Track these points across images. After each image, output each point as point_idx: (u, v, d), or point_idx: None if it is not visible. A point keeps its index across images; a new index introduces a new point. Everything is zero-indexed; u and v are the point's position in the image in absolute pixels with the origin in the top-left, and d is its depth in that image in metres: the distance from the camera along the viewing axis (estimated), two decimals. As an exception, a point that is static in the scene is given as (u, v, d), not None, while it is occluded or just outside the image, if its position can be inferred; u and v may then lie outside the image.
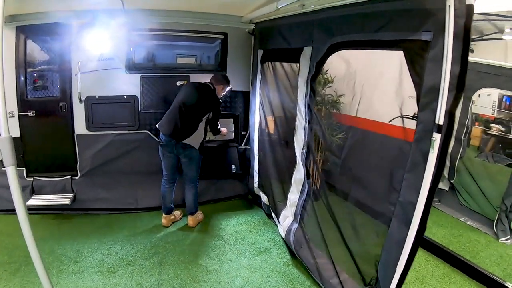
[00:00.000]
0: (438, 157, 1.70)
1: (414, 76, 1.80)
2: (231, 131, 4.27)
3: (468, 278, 2.93)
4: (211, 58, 4.18)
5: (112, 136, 3.73)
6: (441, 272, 3.00)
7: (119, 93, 3.68)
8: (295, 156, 3.14)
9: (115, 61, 3.55)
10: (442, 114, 1.65)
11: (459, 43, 1.56)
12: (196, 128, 3.35)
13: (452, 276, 2.95)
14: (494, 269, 3.08)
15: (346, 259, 2.66)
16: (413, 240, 1.88)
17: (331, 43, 2.45)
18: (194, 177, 3.54)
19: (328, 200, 2.81)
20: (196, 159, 3.46)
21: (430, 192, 1.76)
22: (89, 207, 3.72)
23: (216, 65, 4.04)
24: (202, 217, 3.78)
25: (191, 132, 3.32)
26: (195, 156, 3.43)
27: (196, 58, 4.35)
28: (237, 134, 4.35)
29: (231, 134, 4.30)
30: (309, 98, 2.78)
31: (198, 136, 3.39)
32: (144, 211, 3.86)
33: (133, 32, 3.56)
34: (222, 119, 3.99)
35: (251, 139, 4.16)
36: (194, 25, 3.75)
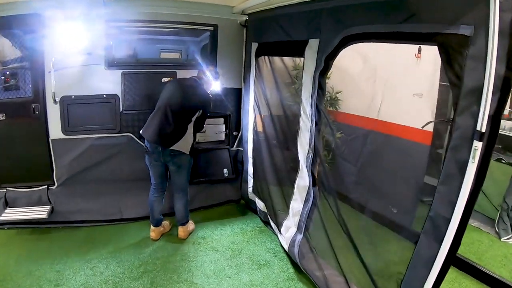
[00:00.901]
0: (478, 168, 1.55)
1: (451, 74, 1.63)
2: (220, 132, 4.04)
3: (478, 282, 2.88)
4: (198, 53, 3.90)
5: (92, 140, 3.43)
6: (450, 277, 2.93)
7: (98, 92, 3.37)
8: (297, 160, 2.97)
9: (93, 56, 3.23)
10: (484, 120, 1.49)
11: (504, 40, 1.41)
12: (185, 130, 3.09)
13: (461, 280, 2.90)
14: (501, 270, 3.06)
15: (358, 274, 2.53)
16: (445, 258, 1.74)
17: (345, 35, 2.25)
18: (184, 185, 3.31)
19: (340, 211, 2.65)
20: (186, 166, 3.22)
21: (467, 207, 1.62)
22: (68, 219, 3.42)
23: (206, 60, 3.76)
24: (193, 228, 3.55)
25: (179, 136, 3.06)
26: (185, 162, 3.19)
27: (181, 53, 4.10)
28: (228, 135, 4.12)
29: (222, 135, 4.07)
30: (317, 97, 2.58)
31: (187, 140, 3.13)
32: (130, 222, 3.60)
33: (113, 23, 3.25)
34: (211, 118, 3.82)
35: (244, 140, 3.95)
36: (181, 16, 3.48)
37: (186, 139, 3.11)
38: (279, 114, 3.46)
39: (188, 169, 3.27)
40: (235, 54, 3.86)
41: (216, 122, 4.04)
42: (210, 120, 3.87)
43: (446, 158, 1.70)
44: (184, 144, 3.10)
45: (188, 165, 3.24)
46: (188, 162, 3.22)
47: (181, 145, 3.07)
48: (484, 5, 1.43)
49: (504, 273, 3.00)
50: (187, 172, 3.26)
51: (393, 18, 1.90)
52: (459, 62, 1.57)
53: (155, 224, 3.34)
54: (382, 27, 1.98)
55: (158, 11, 3.34)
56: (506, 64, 1.43)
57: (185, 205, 3.37)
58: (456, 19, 1.56)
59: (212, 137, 4.06)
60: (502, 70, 1.43)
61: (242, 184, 4.17)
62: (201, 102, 3.15)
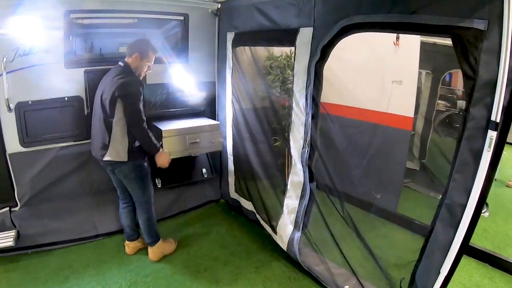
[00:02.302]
0: (492, 156, 1.75)
1: (466, 67, 1.79)
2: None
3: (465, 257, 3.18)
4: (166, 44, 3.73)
5: (55, 151, 3.20)
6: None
7: (59, 95, 3.12)
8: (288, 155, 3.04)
9: (50, 54, 2.97)
10: (499, 111, 1.69)
11: (517, 36, 1.59)
12: (109, 132, 2.74)
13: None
14: (484, 243, 3.48)
15: (365, 265, 2.74)
16: (461, 243, 1.94)
17: (345, 24, 2.30)
18: (141, 198, 3.01)
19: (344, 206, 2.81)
20: (132, 176, 2.88)
21: (483, 193, 1.82)
22: (38, 243, 3.18)
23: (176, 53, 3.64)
24: (171, 248, 3.28)
25: (107, 142, 2.75)
26: (128, 172, 2.86)
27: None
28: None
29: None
30: (313, 89, 2.63)
31: (118, 144, 2.75)
32: (107, 237, 3.45)
33: (74, 15, 3.01)
34: (179, 119, 3.70)
35: (222, 137, 3.93)
36: (149, 5, 3.33)
37: (116, 143, 2.75)
38: (266, 106, 3.51)
39: (138, 179, 2.92)
40: (208, 46, 3.80)
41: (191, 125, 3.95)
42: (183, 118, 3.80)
43: (461, 147, 1.88)
44: (116, 150, 2.76)
45: (135, 175, 2.88)
46: (133, 171, 2.86)
47: (112, 152, 2.76)
48: (498, 1, 1.60)
49: (487, 245, 3.42)
50: (137, 183, 2.93)
51: (402, 8, 1.99)
52: (474, 55, 1.73)
53: (127, 238, 3.23)
54: (390, 16, 2.06)
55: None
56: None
57: (147, 222, 3.08)
58: (470, 13, 1.71)
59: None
60: (515, 65, 1.62)
61: (222, 183, 4.18)
62: (117, 89, 2.65)
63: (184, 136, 3.35)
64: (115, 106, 2.67)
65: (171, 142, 3.27)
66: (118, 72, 2.72)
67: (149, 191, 3.04)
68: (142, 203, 3.02)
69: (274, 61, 4.08)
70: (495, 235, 3.70)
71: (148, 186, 3.01)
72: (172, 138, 3.28)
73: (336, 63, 2.83)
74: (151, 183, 3.07)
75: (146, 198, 3.01)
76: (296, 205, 3.02)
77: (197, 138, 3.43)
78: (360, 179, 3.83)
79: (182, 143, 3.35)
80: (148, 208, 3.05)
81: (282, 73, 4.02)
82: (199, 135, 3.45)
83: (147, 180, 2.99)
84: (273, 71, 4.01)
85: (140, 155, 2.87)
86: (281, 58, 4.07)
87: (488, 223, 3.91)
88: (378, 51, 3.60)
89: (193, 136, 3.40)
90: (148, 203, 3.05)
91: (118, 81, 2.65)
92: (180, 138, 3.34)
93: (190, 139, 3.38)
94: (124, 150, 2.76)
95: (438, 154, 4.70)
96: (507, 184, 5.20)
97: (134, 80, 2.75)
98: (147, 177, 2.99)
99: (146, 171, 2.96)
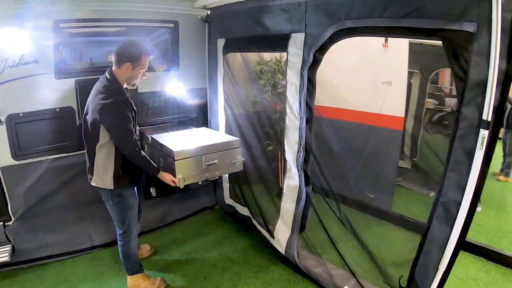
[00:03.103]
0: (485, 154, 1.83)
1: (457, 68, 1.86)
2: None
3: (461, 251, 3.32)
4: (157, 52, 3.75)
5: (48, 163, 3.19)
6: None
7: (50, 106, 3.12)
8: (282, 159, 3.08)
9: (41, 65, 2.97)
10: (490, 110, 1.77)
11: (506, 37, 1.67)
12: (92, 157, 2.53)
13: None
14: (478, 237, 3.60)
15: (364, 265, 2.81)
16: (457, 239, 2.01)
17: (337, 29, 2.37)
18: (119, 228, 2.74)
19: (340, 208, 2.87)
20: (111, 204, 2.63)
21: (477, 190, 1.89)
22: (34, 257, 3.15)
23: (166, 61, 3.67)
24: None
25: (92, 165, 2.55)
26: (106, 198, 2.62)
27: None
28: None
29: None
30: (307, 93, 2.70)
31: (101, 170, 2.52)
32: (103, 248, 3.44)
33: (63, 24, 3.01)
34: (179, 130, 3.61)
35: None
36: (138, 13, 3.36)
37: (99, 169, 2.52)
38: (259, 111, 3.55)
39: (116, 208, 2.63)
40: (198, 52, 3.83)
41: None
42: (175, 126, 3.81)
43: (454, 147, 1.96)
44: (99, 176, 2.54)
45: (113, 203, 2.60)
46: (111, 198, 2.58)
47: (96, 179, 2.55)
48: (486, 4, 1.68)
49: (482, 239, 3.54)
50: (115, 211, 2.66)
51: (393, 12, 2.06)
52: (464, 57, 1.81)
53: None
54: (382, 21, 2.13)
55: (113, 7, 3.19)
56: (506, 60, 1.69)
57: (122, 254, 2.80)
58: (460, 16, 1.79)
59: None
60: (504, 65, 1.70)
61: (216, 189, 4.20)
62: (99, 113, 2.34)
63: (200, 158, 2.88)
64: (98, 131, 2.42)
65: (185, 165, 2.80)
66: (101, 89, 2.40)
67: (129, 223, 2.70)
68: (120, 233, 2.74)
69: (265, 65, 4.13)
70: (489, 229, 3.84)
71: (128, 218, 2.69)
72: (186, 161, 2.81)
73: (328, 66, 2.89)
74: (134, 216, 2.76)
75: (123, 230, 2.71)
76: (293, 209, 3.06)
77: (215, 159, 2.95)
78: (355, 181, 3.91)
79: (198, 166, 2.89)
80: (126, 240, 2.74)
81: (273, 77, 4.07)
82: (217, 155, 2.99)
83: (128, 213, 2.68)
84: (264, 75, 4.06)
85: (128, 183, 2.61)
86: (271, 62, 4.12)
87: (481, 217, 4.04)
88: (368, 53, 3.69)
89: (211, 157, 2.93)
90: (126, 236, 2.73)
91: (99, 102, 2.34)
92: (196, 160, 2.86)
93: (207, 160, 2.91)
94: (108, 176, 2.52)
95: (428, 152, 4.82)
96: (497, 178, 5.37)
97: (117, 102, 2.38)
98: (129, 209, 2.67)
99: (127, 202, 2.64)
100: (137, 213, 2.81)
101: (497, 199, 4.71)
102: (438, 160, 4.50)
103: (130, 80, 2.53)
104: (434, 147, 4.79)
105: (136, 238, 2.83)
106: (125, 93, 2.51)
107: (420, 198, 4.41)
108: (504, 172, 5.46)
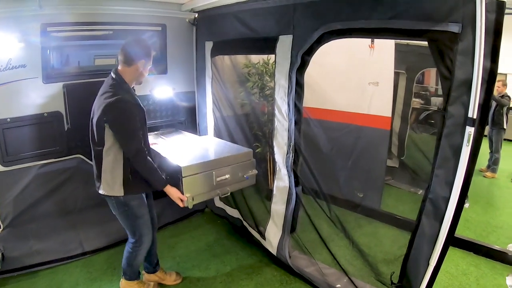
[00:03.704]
0: (472, 150, 1.88)
1: (442, 68, 1.92)
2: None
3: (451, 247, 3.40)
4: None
5: (36, 169, 3.15)
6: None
7: (38, 111, 3.09)
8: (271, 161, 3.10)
9: (28, 69, 2.94)
10: (475, 108, 1.82)
11: (489, 38, 1.73)
12: (99, 162, 2.39)
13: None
14: (467, 233, 3.70)
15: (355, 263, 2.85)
16: (447, 234, 2.06)
17: (325, 31, 2.40)
18: (131, 237, 2.62)
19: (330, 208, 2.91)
20: (118, 213, 2.51)
21: (464, 186, 1.94)
22: (25, 264, 3.09)
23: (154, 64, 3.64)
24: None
25: (99, 172, 2.41)
26: (112, 208, 2.51)
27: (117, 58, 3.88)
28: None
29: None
30: (295, 95, 2.72)
31: (109, 176, 2.37)
32: (94, 254, 3.39)
33: (51, 28, 2.99)
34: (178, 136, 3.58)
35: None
36: (126, 16, 3.35)
37: (107, 175, 2.37)
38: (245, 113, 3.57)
39: (125, 217, 2.51)
40: (186, 55, 3.84)
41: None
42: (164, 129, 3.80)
43: (441, 144, 2.01)
44: (107, 183, 2.39)
45: (119, 212, 2.48)
46: (117, 208, 2.46)
47: (104, 186, 2.40)
48: (471, 6, 1.73)
49: (470, 235, 3.63)
50: (124, 221, 2.54)
51: (380, 13, 2.10)
52: (450, 57, 1.87)
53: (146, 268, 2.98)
54: (369, 22, 2.17)
55: (102, 11, 3.18)
56: (491, 59, 1.75)
57: (127, 259, 2.68)
58: (445, 17, 1.84)
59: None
60: (488, 64, 1.76)
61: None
62: (103, 112, 2.24)
63: (210, 173, 2.66)
64: (103, 132, 2.28)
65: (194, 182, 2.57)
66: (107, 89, 2.30)
67: (140, 233, 2.57)
68: (132, 242, 2.62)
69: (252, 68, 4.16)
70: (477, 224, 3.93)
71: (139, 228, 2.55)
72: (194, 177, 2.58)
73: (316, 68, 2.92)
74: (145, 225, 2.59)
75: (135, 239, 2.59)
76: (283, 210, 3.07)
77: (227, 174, 2.75)
78: (344, 181, 3.96)
79: (207, 183, 2.67)
80: (135, 250, 2.62)
81: (260, 79, 4.10)
82: (228, 169, 2.78)
83: (138, 223, 2.53)
84: (252, 78, 4.08)
85: (139, 190, 2.47)
86: (259, 64, 4.15)
87: (469, 213, 4.14)
88: (355, 55, 3.75)
89: (222, 171, 2.71)
90: (137, 245, 2.60)
91: (104, 101, 2.23)
92: (205, 176, 2.64)
93: (218, 176, 2.70)
94: (116, 183, 2.37)
95: (416, 151, 4.92)
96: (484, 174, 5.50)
97: (123, 99, 2.26)
98: (138, 218, 2.52)
99: (134, 211, 2.49)
100: (149, 222, 2.64)
101: (484, 195, 4.83)
102: (425, 158, 4.60)
103: (139, 78, 2.44)
104: (421, 146, 4.89)
105: (145, 250, 2.68)
106: (132, 91, 2.42)
107: (409, 196, 4.51)
108: (491, 168, 5.60)
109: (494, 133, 5.46)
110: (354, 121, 3.98)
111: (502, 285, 2.95)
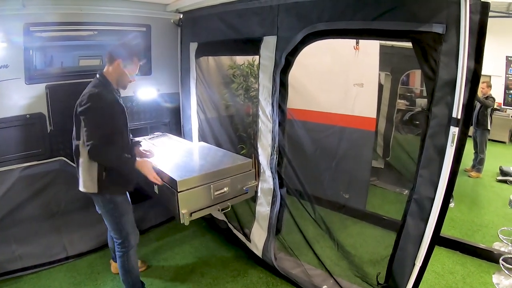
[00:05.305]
0: (456, 150, 1.87)
1: (426, 68, 1.90)
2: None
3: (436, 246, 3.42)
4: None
5: (18, 172, 3.07)
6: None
7: (20, 112, 3.02)
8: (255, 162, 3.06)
9: (10, 69, 2.86)
10: (460, 108, 1.81)
11: (473, 38, 1.72)
12: (77, 157, 2.36)
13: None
14: (452, 232, 3.72)
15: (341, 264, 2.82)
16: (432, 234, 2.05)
17: (309, 32, 2.37)
18: (116, 238, 2.53)
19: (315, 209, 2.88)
20: (104, 211, 2.45)
21: (449, 186, 1.93)
22: (7, 269, 2.98)
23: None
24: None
25: (78, 168, 2.38)
26: (98, 205, 2.47)
27: (102, 59, 3.73)
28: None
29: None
30: (279, 96, 2.68)
31: (86, 172, 2.32)
32: (78, 259, 3.28)
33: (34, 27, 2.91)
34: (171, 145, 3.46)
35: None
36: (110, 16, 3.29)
37: (84, 171, 2.33)
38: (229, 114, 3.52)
39: (110, 215, 2.44)
40: (171, 56, 3.79)
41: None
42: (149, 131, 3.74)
43: (425, 145, 2.00)
44: (84, 180, 2.34)
45: (106, 210, 2.42)
46: (103, 205, 2.41)
47: (84, 181, 2.35)
48: (455, 7, 1.72)
49: (456, 234, 3.66)
50: (109, 219, 2.46)
51: (364, 14, 2.08)
52: (434, 57, 1.85)
53: (112, 258, 3.06)
54: (354, 23, 2.15)
55: (86, 11, 3.11)
56: (474, 59, 1.74)
57: (121, 269, 2.57)
58: (429, 18, 1.82)
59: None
60: (472, 64, 1.74)
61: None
62: (80, 103, 2.22)
63: (208, 186, 2.53)
64: (80, 125, 2.24)
65: (190, 197, 2.44)
66: (90, 87, 2.29)
67: (126, 231, 2.49)
68: (118, 243, 2.52)
69: (237, 69, 4.12)
70: (462, 224, 3.95)
71: (124, 226, 2.48)
72: (191, 192, 2.45)
73: (300, 69, 2.89)
74: (129, 223, 2.52)
75: (122, 239, 2.50)
76: (268, 211, 3.02)
77: (225, 186, 2.63)
78: (329, 182, 3.94)
79: (205, 196, 2.55)
80: (124, 251, 2.52)
81: (245, 81, 4.06)
82: (227, 182, 2.66)
83: (123, 220, 2.46)
84: (237, 79, 4.04)
85: (116, 187, 2.40)
86: (244, 66, 4.11)
87: (454, 212, 4.16)
88: (339, 56, 3.73)
89: (220, 184, 2.59)
90: (125, 245, 2.51)
91: (85, 93, 2.23)
92: (203, 190, 2.52)
93: (216, 189, 2.57)
94: (91, 179, 2.32)
95: (401, 151, 4.94)
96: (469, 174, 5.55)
97: (102, 93, 2.23)
98: (122, 216, 2.45)
99: (120, 208, 2.43)
100: (133, 220, 2.58)
101: (469, 194, 4.86)
102: (410, 159, 4.62)
103: (123, 79, 2.39)
104: (406, 147, 4.91)
105: (135, 250, 2.59)
106: (113, 90, 2.36)
107: (394, 196, 4.51)
108: (476, 168, 5.64)
109: (478, 134, 5.51)
110: (338, 122, 3.96)
111: (489, 283, 2.96)
